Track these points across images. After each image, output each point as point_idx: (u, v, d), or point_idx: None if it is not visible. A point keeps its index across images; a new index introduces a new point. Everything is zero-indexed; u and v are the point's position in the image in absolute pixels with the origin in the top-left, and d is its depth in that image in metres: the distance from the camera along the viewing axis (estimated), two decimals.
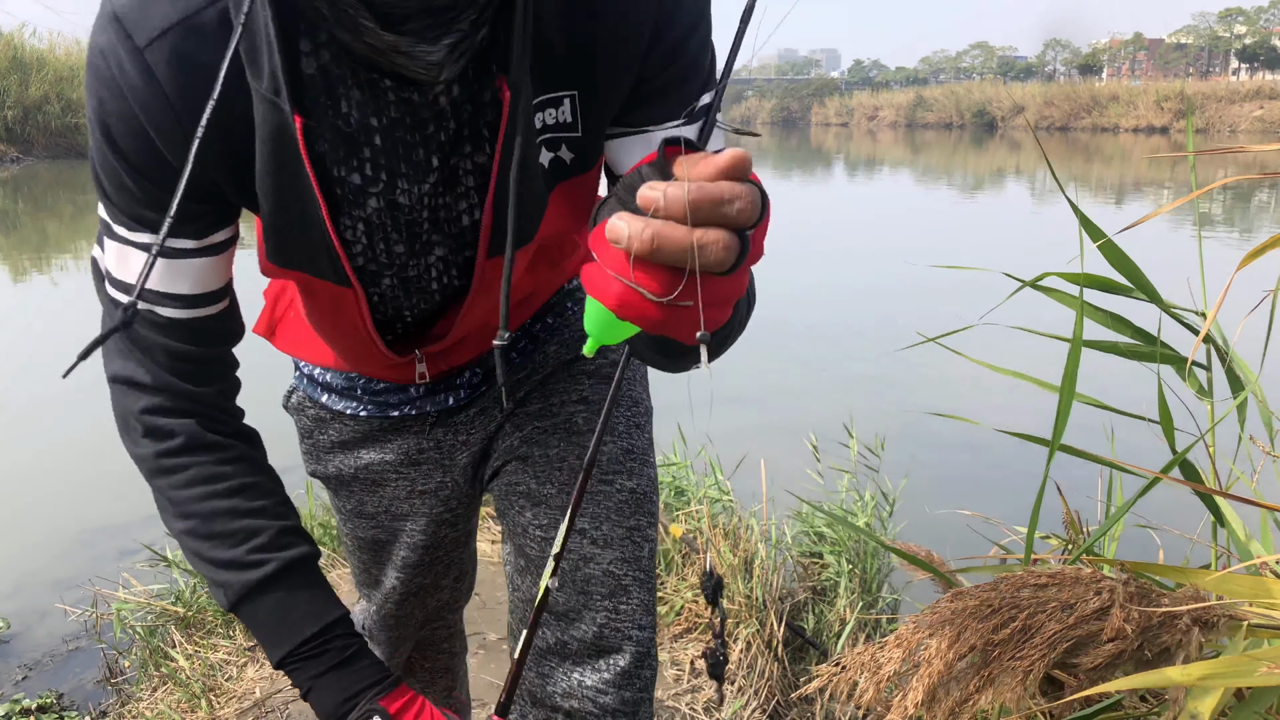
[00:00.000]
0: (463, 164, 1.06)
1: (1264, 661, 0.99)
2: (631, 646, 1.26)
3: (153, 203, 0.99)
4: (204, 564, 1.10)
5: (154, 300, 1.04)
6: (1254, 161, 18.04)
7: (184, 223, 1.01)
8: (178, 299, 1.05)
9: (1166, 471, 1.28)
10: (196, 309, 1.06)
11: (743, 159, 0.67)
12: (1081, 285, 1.50)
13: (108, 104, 0.94)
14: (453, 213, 1.09)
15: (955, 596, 1.28)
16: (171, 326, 1.06)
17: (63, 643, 2.96)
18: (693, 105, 1.07)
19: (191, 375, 1.09)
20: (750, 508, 3.46)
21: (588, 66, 1.02)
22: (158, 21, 0.92)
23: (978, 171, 27.99)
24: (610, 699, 1.25)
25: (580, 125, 1.07)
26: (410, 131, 1.01)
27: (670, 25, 1.02)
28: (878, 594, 3.12)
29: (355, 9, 0.87)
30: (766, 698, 2.58)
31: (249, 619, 1.10)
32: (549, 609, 1.26)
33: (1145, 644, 1.14)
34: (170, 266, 1.03)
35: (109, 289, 1.05)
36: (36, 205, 15.00)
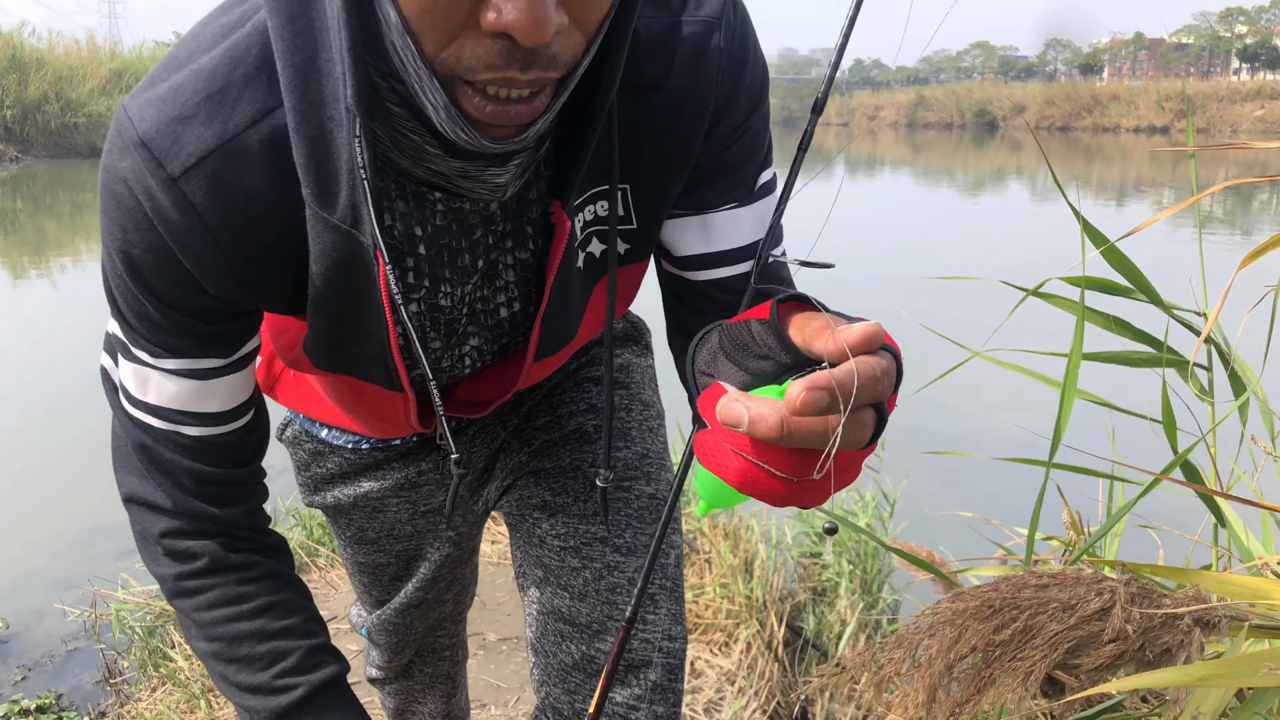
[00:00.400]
0: (503, 259, 1.01)
1: (1265, 662, 0.99)
2: (662, 659, 1.22)
3: (182, 331, 0.92)
4: (231, 689, 1.04)
5: (179, 420, 0.97)
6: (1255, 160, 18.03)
7: (215, 343, 0.95)
8: (206, 417, 0.98)
9: (1167, 473, 1.27)
10: (225, 425, 1.00)
11: (877, 333, 0.65)
12: (1082, 289, 1.49)
13: (132, 234, 0.85)
14: (490, 305, 1.05)
15: (956, 597, 1.28)
16: (198, 448, 0.99)
17: (61, 643, 2.96)
18: (752, 185, 1.04)
19: (217, 498, 1.02)
20: (750, 507, 3.46)
21: (639, 159, 0.97)
22: (193, 148, 0.82)
23: (979, 172, 28.00)
24: (643, 714, 1.20)
25: (634, 218, 1.03)
26: (457, 239, 0.96)
27: (728, 111, 0.98)
28: (878, 594, 3.12)
29: (423, 137, 0.83)
30: (767, 698, 2.58)
31: None
32: (573, 621, 1.22)
33: (1146, 645, 1.13)
34: (200, 388, 0.96)
35: (125, 404, 0.98)
36: (35, 205, 15.00)
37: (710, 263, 1.05)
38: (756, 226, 1.04)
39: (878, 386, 0.64)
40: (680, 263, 1.07)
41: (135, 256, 0.86)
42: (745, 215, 1.03)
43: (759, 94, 1.00)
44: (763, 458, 0.66)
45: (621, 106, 0.92)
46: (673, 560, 1.26)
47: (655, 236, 1.06)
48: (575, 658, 1.22)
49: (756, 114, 1.00)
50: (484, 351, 1.10)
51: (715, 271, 1.05)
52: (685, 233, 1.04)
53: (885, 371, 0.65)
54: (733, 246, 1.03)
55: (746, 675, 2.66)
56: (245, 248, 0.86)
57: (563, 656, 1.23)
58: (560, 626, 1.23)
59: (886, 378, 0.65)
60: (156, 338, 0.92)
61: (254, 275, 0.89)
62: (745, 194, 1.03)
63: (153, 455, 0.99)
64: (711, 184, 1.02)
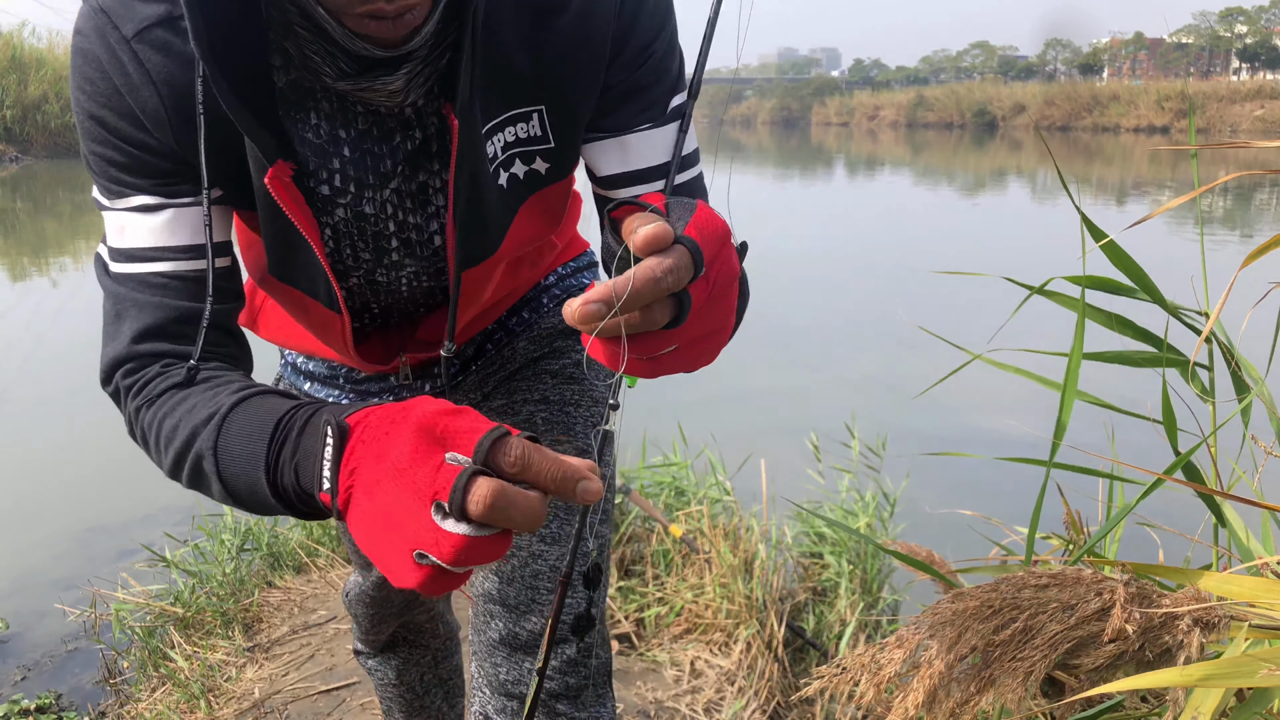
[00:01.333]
0: (432, 182, 1.12)
1: (1265, 662, 0.99)
2: (577, 637, 1.34)
3: (142, 168, 1.00)
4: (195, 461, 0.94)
5: (153, 257, 1.01)
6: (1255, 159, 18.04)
7: (177, 183, 1.01)
8: (177, 251, 1.02)
9: (1169, 474, 1.27)
10: (197, 260, 1.02)
11: (661, 236, 0.75)
12: (1084, 287, 1.49)
13: (97, 83, 0.97)
14: (424, 234, 1.15)
15: (956, 597, 1.28)
16: (172, 285, 1.02)
17: (61, 643, 2.96)
18: (664, 106, 1.13)
19: (189, 338, 1.02)
20: (751, 508, 3.46)
21: (552, 80, 1.08)
22: (143, 15, 0.96)
23: (979, 171, 28.00)
24: (555, 684, 1.34)
25: (551, 137, 1.13)
26: (378, 143, 1.06)
27: (632, 32, 1.08)
28: (879, 594, 3.12)
29: (323, 58, 0.95)
30: (766, 698, 2.58)
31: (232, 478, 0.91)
32: (503, 602, 1.32)
33: (1146, 645, 1.13)
34: (170, 218, 1.01)
35: (110, 265, 1.03)
36: (35, 205, 14.99)
37: (628, 181, 1.15)
38: (671, 146, 1.14)
39: (659, 285, 0.74)
40: (603, 183, 1.17)
41: (99, 102, 0.98)
42: (659, 135, 1.14)
43: (663, 17, 1.11)
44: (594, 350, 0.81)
45: (531, 29, 1.04)
46: (596, 549, 1.38)
47: (574, 155, 1.17)
48: (501, 634, 1.32)
49: (661, 38, 1.11)
50: (419, 274, 1.19)
51: (634, 189, 1.15)
52: (605, 154, 1.15)
53: (671, 269, 0.74)
54: (648, 165, 1.14)
55: (746, 675, 2.66)
56: (185, 109, 0.97)
57: (490, 634, 1.33)
58: (490, 607, 1.34)
59: (673, 274, 0.74)
60: (124, 179, 1.00)
61: (189, 139, 0.98)
62: (658, 115, 1.13)
63: (130, 305, 1.01)
64: (625, 106, 1.12)
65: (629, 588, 3.13)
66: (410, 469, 0.69)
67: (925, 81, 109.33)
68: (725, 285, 0.83)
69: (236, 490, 0.90)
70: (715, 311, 0.83)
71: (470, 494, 0.66)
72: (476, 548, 0.67)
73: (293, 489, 0.84)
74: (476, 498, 0.66)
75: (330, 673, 2.73)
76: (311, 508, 0.85)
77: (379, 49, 0.92)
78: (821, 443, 3.71)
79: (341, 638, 2.90)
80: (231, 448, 0.89)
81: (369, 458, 0.74)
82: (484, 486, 0.66)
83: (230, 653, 2.82)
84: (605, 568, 1.02)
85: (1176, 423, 1.45)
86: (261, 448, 0.86)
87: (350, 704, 2.57)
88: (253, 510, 0.92)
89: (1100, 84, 67.70)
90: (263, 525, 3.43)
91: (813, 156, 36.84)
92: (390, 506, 0.70)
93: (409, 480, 0.69)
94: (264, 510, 0.90)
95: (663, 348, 0.81)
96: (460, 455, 0.69)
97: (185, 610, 2.98)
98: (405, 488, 0.69)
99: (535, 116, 1.11)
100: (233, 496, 0.91)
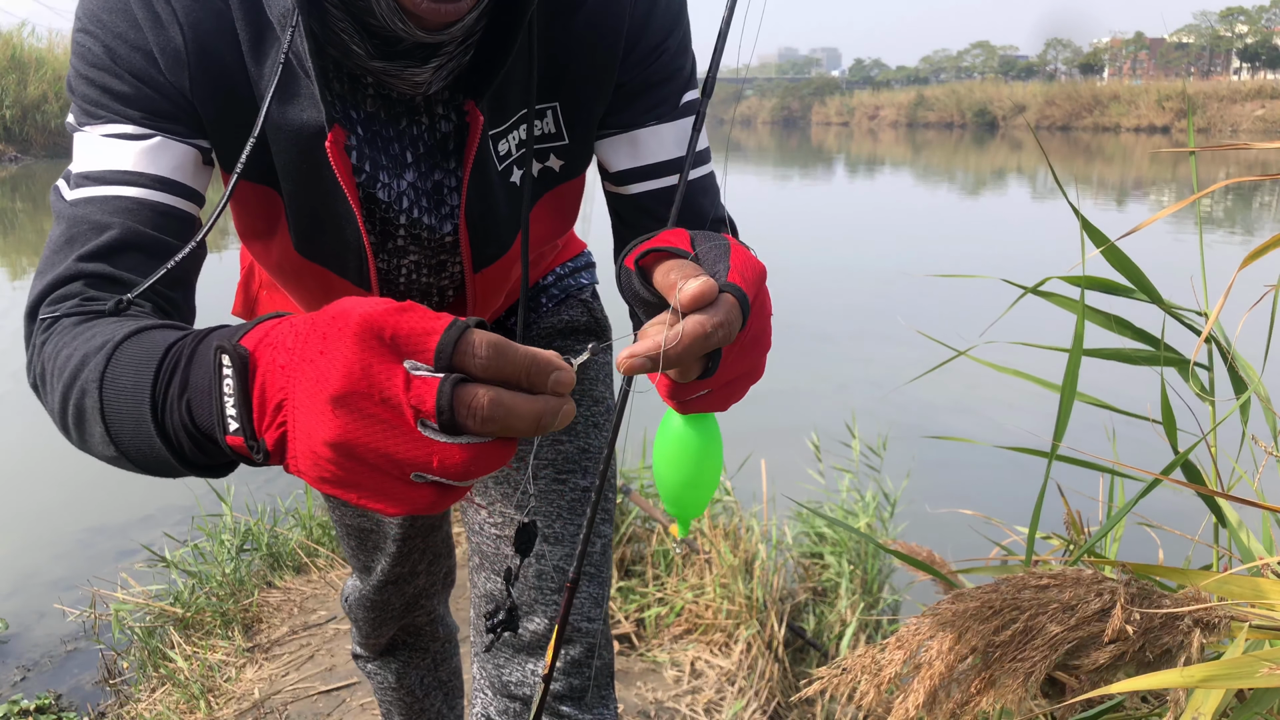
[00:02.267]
0: (447, 180, 1.12)
1: (1265, 662, 0.98)
2: (581, 638, 1.35)
3: (141, 102, 0.95)
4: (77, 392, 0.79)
5: (125, 180, 0.94)
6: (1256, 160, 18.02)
7: (173, 121, 0.97)
8: (153, 180, 0.95)
9: (1168, 473, 1.27)
10: (169, 194, 0.96)
11: (707, 293, 0.73)
12: (1083, 289, 1.49)
13: (117, 15, 0.94)
14: (438, 234, 1.15)
15: (956, 598, 1.27)
16: (136, 209, 0.93)
17: (61, 643, 2.96)
18: (675, 102, 1.14)
19: (135, 268, 0.92)
20: (751, 508, 3.46)
21: (566, 78, 1.08)
22: None
23: (979, 171, 27.99)
24: (559, 685, 1.34)
25: (566, 134, 1.14)
26: (385, 126, 1.06)
27: (646, 30, 1.09)
28: (879, 594, 3.11)
29: (351, 37, 0.94)
30: (767, 699, 2.58)
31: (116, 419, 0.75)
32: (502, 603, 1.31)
33: (1147, 645, 1.13)
34: (155, 145, 0.96)
35: (71, 193, 0.95)
36: (35, 205, 14.98)
37: (639, 176, 1.15)
38: (680, 141, 1.14)
39: (709, 341, 0.73)
40: (614, 178, 1.17)
41: (114, 33, 0.94)
42: (668, 131, 1.14)
43: (676, 15, 1.11)
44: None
45: (547, 29, 1.04)
46: (599, 549, 1.38)
47: (587, 152, 1.17)
48: (505, 635, 1.30)
49: (674, 35, 1.11)
50: (420, 265, 1.19)
51: (644, 184, 1.15)
52: (616, 150, 1.15)
53: (721, 324, 0.73)
54: (657, 160, 1.15)
55: (747, 676, 2.66)
56: (205, 57, 0.95)
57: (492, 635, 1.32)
58: (492, 608, 1.31)
59: (723, 329, 0.74)
60: (115, 108, 0.95)
61: (204, 88, 0.96)
62: (669, 110, 1.13)
63: (88, 227, 0.92)
64: (637, 102, 1.13)
65: (629, 588, 3.13)
66: (375, 389, 0.59)
67: (925, 81, 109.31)
68: (761, 328, 0.83)
69: (120, 436, 0.75)
70: (751, 354, 0.83)
71: (462, 407, 0.59)
72: (484, 456, 0.61)
73: (185, 431, 0.69)
74: (472, 411, 0.59)
75: (330, 673, 2.72)
76: (212, 456, 0.71)
77: (419, 30, 0.91)
78: (822, 442, 3.71)
79: (341, 638, 2.90)
80: (120, 379, 0.74)
81: (303, 383, 0.61)
82: (480, 399, 0.59)
83: (230, 653, 2.82)
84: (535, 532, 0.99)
85: (1175, 422, 1.45)
86: (148, 379, 0.71)
87: (350, 704, 2.57)
88: (145, 468, 0.77)
89: (1101, 84, 67.71)
90: (262, 525, 3.43)
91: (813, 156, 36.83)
92: (359, 434, 0.59)
93: (378, 400, 0.59)
94: (156, 466, 0.75)
95: (695, 392, 0.81)
96: (419, 363, 0.59)
97: (185, 610, 2.98)
98: (378, 410, 0.59)
99: (549, 113, 1.12)
100: (118, 446, 0.75)
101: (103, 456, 0.80)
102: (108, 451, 0.78)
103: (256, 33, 0.97)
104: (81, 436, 0.80)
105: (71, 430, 0.81)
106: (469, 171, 1.06)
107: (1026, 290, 1.59)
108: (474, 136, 1.03)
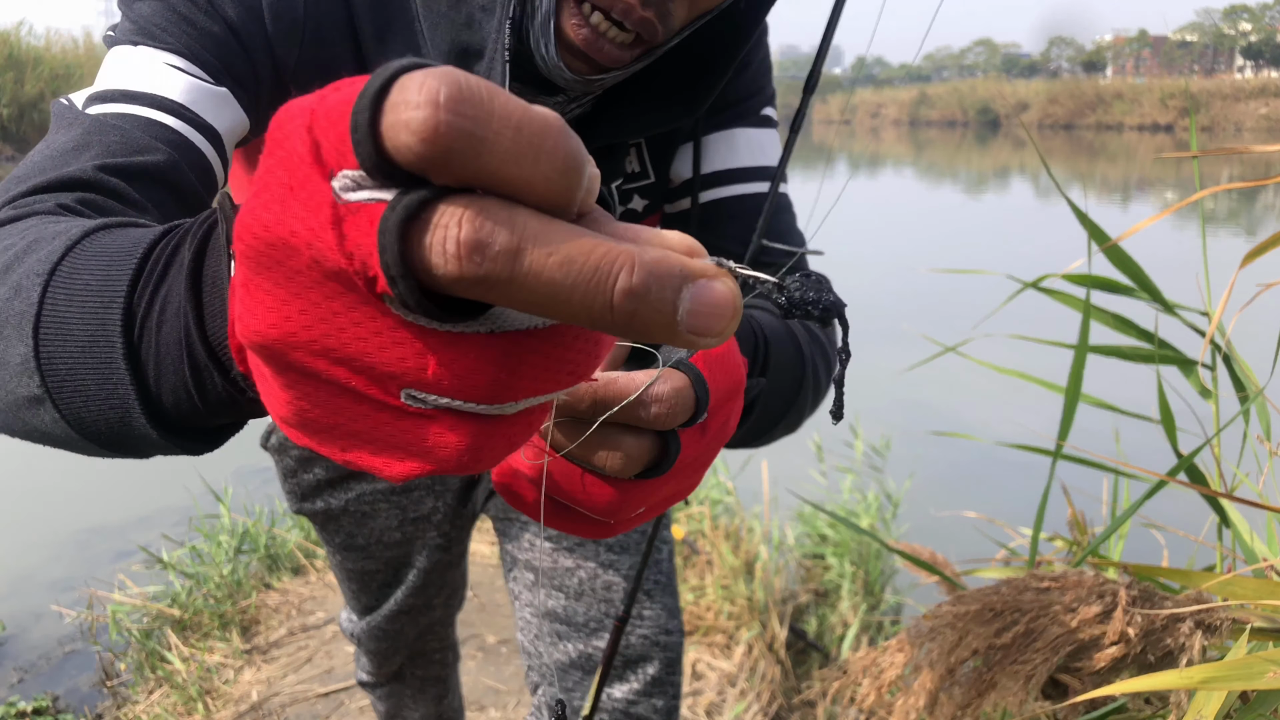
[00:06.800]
0: None
1: (1272, 664, 0.97)
2: (660, 653, 1.23)
3: (219, 51, 0.80)
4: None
5: (173, 109, 0.76)
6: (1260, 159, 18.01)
7: (244, 86, 0.83)
8: (207, 129, 0.78)
9: (1172, 475, 1.26)
10: (216, 153, 0.79)
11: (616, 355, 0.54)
12: (1088, 287, 1.48)
13: None
14: None
15: (957, 600, 1.26)
16: (185, 148, 0.75)
17: (58, 645, 2.94)
18: (754, 113, 1.06)
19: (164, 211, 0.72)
20: (752, 509, 3.44)
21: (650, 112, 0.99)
22: None
23: (982, 169, 27.97)
24: (642, 708, 1.22)
25: (652, 171, 1.04)
26: None
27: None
28: (881, 596, 3.10)
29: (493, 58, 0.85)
30: (768, 701, 2.56)
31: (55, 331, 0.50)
32: (570, 621, 1.23)
33: (1149, 647, 1.12)
34: (212, 93, 0.79)
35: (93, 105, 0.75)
36: None
37: (707, 184, 1.04)
38: (754, 153, 1.04)
39: (647, 411, 0.51)
40: (676, 193, 1.06)
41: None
42: (741, 137, 1.04)
43: (759, 34, 1.03)
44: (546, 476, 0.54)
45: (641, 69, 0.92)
46: (665, 555, 1.26)
47: (666, 189, 1.06)
48: (573, 656, 1.22)
49: (756, 52, 1.04)
50: None
51: (709, 193, 1.04)
52: (681, 161, 1.05)
53: (657, 398, 0.51)
54: (727, 167, 1.03)
55: (748, 677, 2.65)
56: (320, 33, 0.85)
57: (559, 656, 1.23)
58: (556, 627, 1.23)
59: (660, 407, 0.51)
60: (193, 45, 0.79)
61: (311, 59, 0.85)
62: (744, 120, 1.04)
63: (116, 136, 0.72)
64: (714, 116, 1.03)
65: None
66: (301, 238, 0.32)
67: (928, 79, 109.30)
68: (713, 448, 0.59)
69: (55, 362, 0.49)
70: (694, 475, 0.59)
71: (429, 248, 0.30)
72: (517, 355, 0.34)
73: (183, 349, 0.45)
74: (444, 251, 0.30)
75: (328, 675, 2.71)
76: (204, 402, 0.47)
77: (569, 72, 0.83)
78: (825, 443, 3.69)
79: (340, 640, 2.89)
80: (79, 273, 0.50)
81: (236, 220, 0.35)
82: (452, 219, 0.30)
83: (228, 655, 2.81)
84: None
85: (1175, 422, 1.44)
86: (126, 273, 0.48)
87: (349, 707, 2.56)
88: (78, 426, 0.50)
89: (1104, 82, 67.74)
90: (260, 527, 3.42)
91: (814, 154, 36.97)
92: (296, 323, 0.34)
93: (307, 261, 0.32)
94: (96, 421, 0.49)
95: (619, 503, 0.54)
96: (352, 175, 0.31)
97: (182, 612, 2.96)
98: (309, 278, 0.33)
99: (633, 151, 1.02)
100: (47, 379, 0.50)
101: (8, 405, 0.53)
102: (23, 388, 0.50)
103: (380, 33, 0.87)
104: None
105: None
106: None
107: (1026, 285, 1.57)
108: None
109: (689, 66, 0.92)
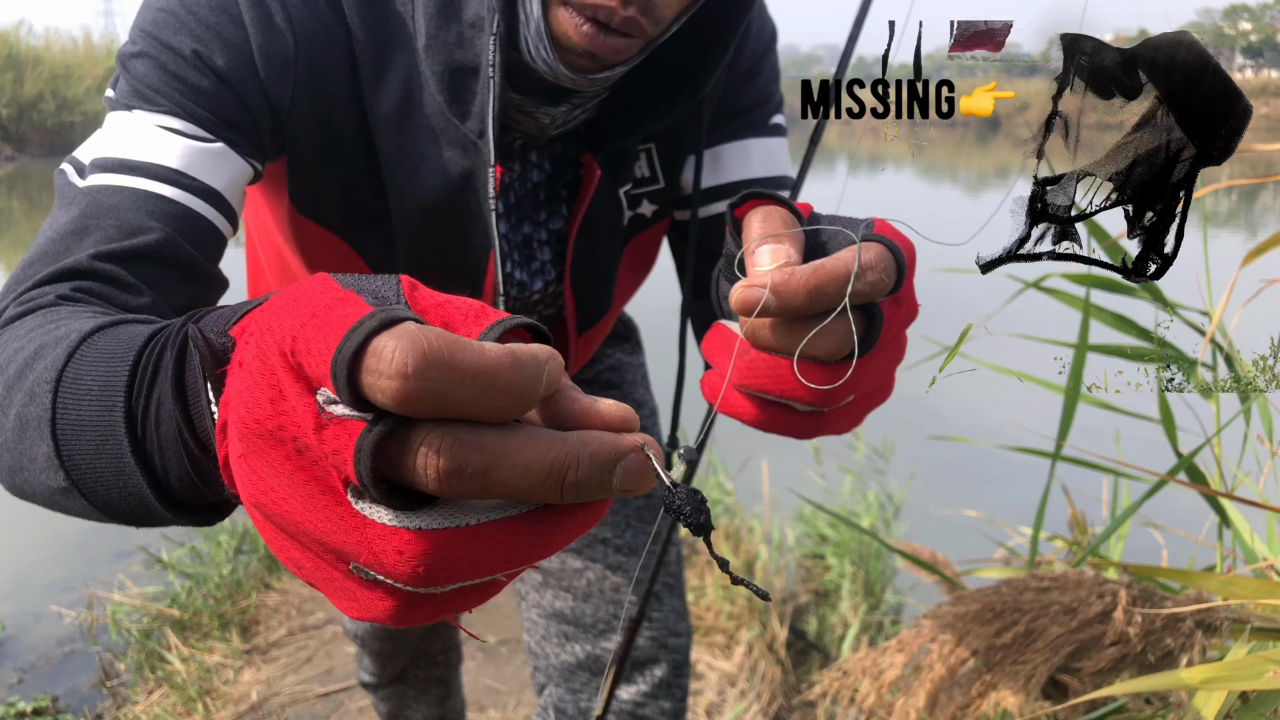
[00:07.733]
0: (537, 235, 1.02)
1: (1270, 664, 0.97)
2: (668, 655, 1.23)
3: (214, 106, 0.81)
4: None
5: (167, 177, 0.77)
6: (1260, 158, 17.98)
7: (243, 136, 0.84)
8: (199, 188, 0.79)
9: (1172, 475, 1.25)
10: (212, 207, 0.80)
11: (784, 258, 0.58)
12: (1088, 287, 1.48)
13: (221, 15, 0.82)
14: (526, 291, 1.04)
15: (957, 600, 1.26)
16: (167, 212, 0.77)
17: (58, 645, 2.94)
18: (764, 122, 1.06)
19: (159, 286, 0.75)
20: (752, 509, 3.44)
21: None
22: None
23: (982, 170, 27.94)
24: (649, 710, 1.21)
25: (661, 176, 1.04)
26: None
27: (740, 57, 1.02)
28: (881, 596, 3.10)
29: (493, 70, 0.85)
30: (768, 701, 2.56)
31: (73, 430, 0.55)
32: (577, 622, 1.22)
33: (1149, 647, 1.12)
34: (211, 150, 0.81)
35: (92, 176, 0.78)
36: (31, 204, 14.98)
37: (719, 195, 1.04)
38: (767, 163, 1.05)
39: (846, 286, 0.57)
40: (686, 201, 1.06)
41: (213, 31, 0.82)
42: (754, 147, 1.05)
43: (768, 43, 1.04)
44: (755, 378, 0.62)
45: (642, 65, 0.92)
46: (674, 558, 1.26)
47: (677, 193, 1.07)
48: (580, 658, 1.21)
49: (766, 60, 1.04)
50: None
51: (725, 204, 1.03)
52: (692, 168, 1.05)
53: (871, 265, 0.58)
54: (741, 178, 1.04)
55: (748, 678, 2.64)
56: (313, 68, 0.86)
57: (566, 657, 1.22)
58: (564, 628, 1.23)
59: (873, 271, 0.59)
60: (186, 103, 0.80)
61: (306, 100, 0.87)
62: (755, 130, 1.05)
63: (112, 219, 0.75)
64: (724, 125, 1.04)
65: None
66: (288, 430, 0.39)
67: None
68: (907, 323, 0.68)
69: (76, 459, 0.54)
70: (895, 354, 0.67)
71: (408, 469, 0.37)
72: (455, 549, 0.38)
73: (180, 443, 0.49)
74: (425, 471, 0.37)
75: (328, 675, 2.71)
76: (206, 484, 0.50)
77: (566, 70, 0.83)
78: (825, 443, 3.69)
79: (340, 640, 2.89)
80: (83, 379, 0.54)
81: (233, 398, 0.42)
82: (430, 446, 0.37)
83: (227, 655, 2.81)
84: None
85: (1175, 422, 1.44)
86: (122, 377, 0.52)
87: (348, 707, 2.56)
88: (105, 508, 0.56)
89: None
90: None
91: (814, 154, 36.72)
92: (271, 497, 0.40)
93: (292, 448, 0.39)
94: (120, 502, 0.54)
95: (833, 387, 0.60)
96: (330, 393, 0.39)
97: (182, 612, 2.96)
98: (290, 462, 0.39)
99: (643, 155, 1.03)
100: (70, 472, 0.55)
101: (44, 493, 0.58)
102: (53, 481, 0.56)
103: (379, 56, 0.87)
104: (16, 463, 0.58)
105: (4, 452, 0.59)
106: (577, 227, 0.97)
107: (1027, 285, 1.57)
108: (587, 190, 0.95)
109: (691, 56, 0.93)
